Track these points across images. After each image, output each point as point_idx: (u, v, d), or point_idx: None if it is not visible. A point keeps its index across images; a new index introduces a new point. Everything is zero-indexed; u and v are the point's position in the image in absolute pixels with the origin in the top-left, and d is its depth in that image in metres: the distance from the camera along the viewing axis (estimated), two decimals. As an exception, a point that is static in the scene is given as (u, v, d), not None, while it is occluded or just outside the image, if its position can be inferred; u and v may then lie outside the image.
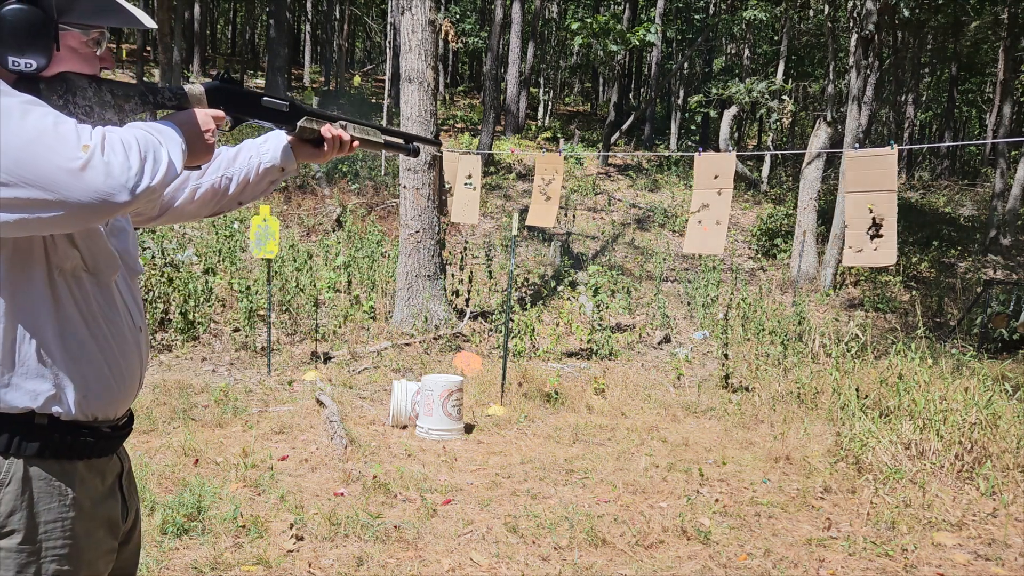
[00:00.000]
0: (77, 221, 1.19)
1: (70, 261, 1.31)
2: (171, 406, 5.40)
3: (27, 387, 1.28)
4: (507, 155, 17.07)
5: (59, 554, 1.31)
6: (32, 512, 1.28)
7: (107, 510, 1.41)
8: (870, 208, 5.27)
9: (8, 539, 1.27)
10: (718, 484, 4.50)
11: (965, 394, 4.93)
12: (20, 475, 1.27)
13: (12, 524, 1.27)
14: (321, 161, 1.71)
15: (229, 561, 3.26)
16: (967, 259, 14.47)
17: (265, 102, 1.58)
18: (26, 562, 1.28)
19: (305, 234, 11.68)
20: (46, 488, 1.30)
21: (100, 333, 1.36)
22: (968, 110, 31.74)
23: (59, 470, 1.31)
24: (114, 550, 1.44)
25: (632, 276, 11.44)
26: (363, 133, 1.73)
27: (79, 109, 1.29)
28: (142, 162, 1.21)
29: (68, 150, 1.14)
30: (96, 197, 1.15)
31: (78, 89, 1.30)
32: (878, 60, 13.61)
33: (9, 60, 1.24)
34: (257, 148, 1.67)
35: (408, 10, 7.96)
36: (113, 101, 1.34)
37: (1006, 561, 3.61)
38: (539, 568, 3.39)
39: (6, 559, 1.27)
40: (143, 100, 1.39)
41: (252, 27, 35.75)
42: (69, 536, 1.32)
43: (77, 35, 1.33)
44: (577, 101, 34.44)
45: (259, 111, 1.58)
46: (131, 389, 1.45)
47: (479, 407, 5.87)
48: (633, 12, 21.75)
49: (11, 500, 1.27)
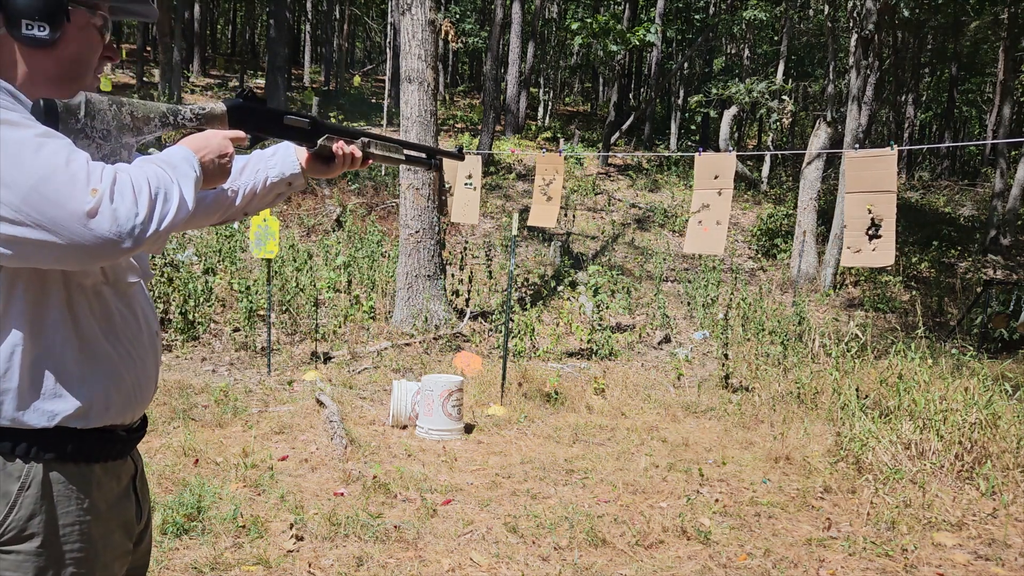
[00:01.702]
0: (78, 263, 1.18)
1: (90, 277, 1.31)
2: (171, 406, 5.40)
3: (46, 408, 1.27)
4: (507, 155, 17.07)
5: (76, 557, 1.31)
6: (51, 516, 1.28)
7: (123, 512, 1.41)
8: (869, 208, 5.28)
9: (28, 543, 1.26)
10: (718, 484, 4.50)
11: (965, 394, 4.93)
12: (40, 479, 1.27)
13: (32, 528, 1.26)
14: (331, 176, 1.70)
15: (229, 561, 3.26)
16: (967, 259, 14.47)
17: (288, 120, 1.55)
18: (45, 565, 1.28)
19: (305, 234, 11.68)
20: (64, 492, 1.29)
21: (120, 344, 1.36)
22: (968, 110, 31.74)
23: (77, 474, 1.31)
24: (130, 551, 1.44)
25: (632, 276, 11.44)
26: (384, 150, 1.71)
27: (97, 133, 1.27)
28: (151, 207, 1.19)
29: (77, 192, 1.11)
30: (100, 243, 1.13)
31: (97, 112, 1.28)
32: (878, 60, 13.61)
33: (23, 24, 1.25)
34: (265, 162, 1.65)
35: (408, 10, 7.96)
36: (132, 124, 1.32)
37: (1006, 561, 3.61)
38: (539, 568, 3.39)
39: (25, 562, 1.26)
40: (163, 122, 1.37)
41: (252, 27, 35.76)
42: (86, 539, 1.32)
43: (84, 13, 1.32)
44: (577, 101, 34.44)
45: (281, 129, 1.56)
46: (148, 394, 1.45)
47: (479, 407, 5.87)
48: (633, 12, 21.75)
49: (31, 504, 1.26)
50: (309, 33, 31.53)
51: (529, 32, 21.34)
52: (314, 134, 1.59)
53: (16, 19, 1.25)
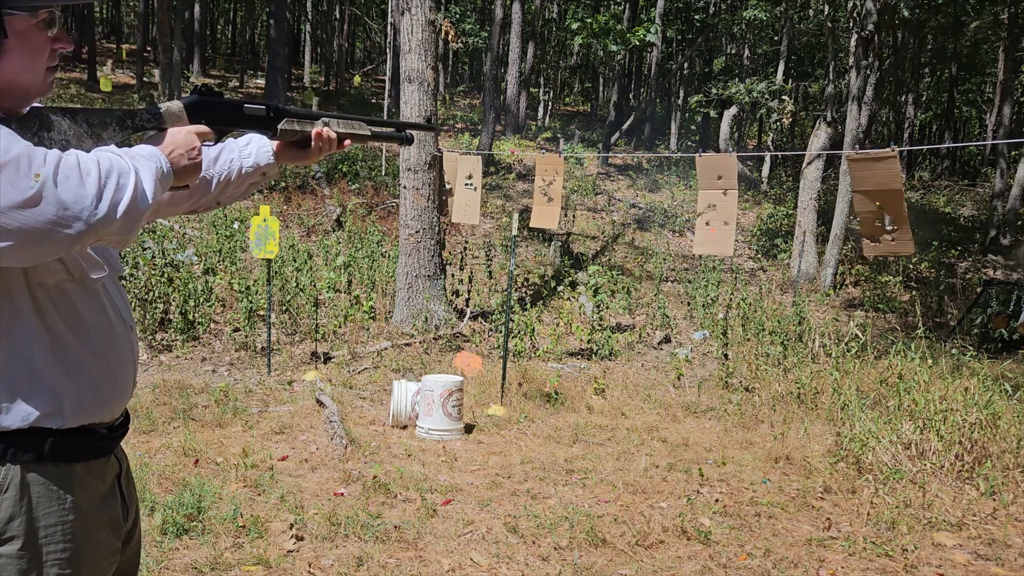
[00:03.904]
0: (32, 255, 1.14)
1: (52, 275, 1.27)
2: (171, 406, 5.40)
3: (18, 410, 1.26)
4: (507, 155, 17.07)
5: (60, 558, 1.30)
6: (31, 517, 1.27)
7: (108, 511, 1.40)
8: (878, 205, 5.28)
9: (8, 545, 1.26)
10: (718, 484, 4.50)
11: (965, 394, 4.93)
12: (18, 481, 1.26)
13: (12, 530, 1.25)
14: (309, 162, 1.68)
15: (229, 561, 3.26)
16: (967, 259, 14.47)
17: (246, 110, 1.55)
18: (27, 567, 1.27)
19: (305, 234, 11.68)
20: (44, 492, 1.28)
21: (91, 342, 1.34)
22: (968, 110, 31.73)
23: (57, 474, 1.30)
24: (118, 551, 1.43)
25: (632, 276, 11.43)
26: (348, 127, 1.69)
27: (55, 144, 1.23)
28: (100, 188, 1.14)
29: (19, 180, 1.07)
30: (48, 229, 1.09)
31: (53, 124, 1.25)
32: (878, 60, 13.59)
33: None
34: (239, 151, 1.63)
35: (408, 10, 7.96)
36: (90, 131, 1.29)
37: (1006, 561, 3.61)
38: (539, 568, 3.39)
39: (7, 565, 1.26)
40: (121, 126, 1.34)
41: (252, 27, 35.76)
42: (70, 539, 1.31)
43: (24, 18, 1.21)
44: (577, 101, 34.45)
45: (242, 119, 1.55)
46: (126, 390, 1.43)
47: (479, 407, 5.87)
48: (633, 12, 21.75)
49: (10, 506, 1.25)
50: (309, 33, 31.54)
51: (529, 32, 21.35)
52: (274, 121, 1.58)
53: None
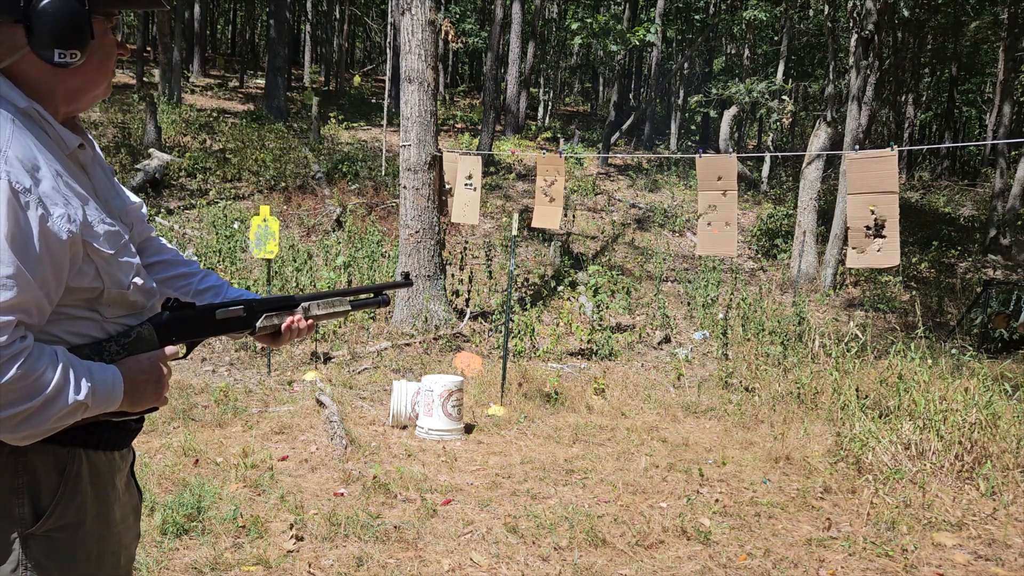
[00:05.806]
0: None
1: (119, 318, 1.40)
2: (171, 406, 5.39)
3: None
4: (507, 155, 17.06)
5: (105, 536, 1.39)
6: (86, 500, 1.35)
7: (131, 497, 1.51)
8: (872, 209, 5.27)
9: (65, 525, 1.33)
10: (718, 484, 4.50)
11: (965, 394, 4.93)
12: (85, 465, 1.35)
13: (69, 512, 1.33)
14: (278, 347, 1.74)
15: (229, 561, 3.26)
16: (967, 259, 14.47)
17: (220, 315, 1.52)
18: (79, 545, 1.35)
19: (305, 234, 11.68)
20: (99, 478, 1.38)
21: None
22: (968, 110, 31.73)
23: (105, 460, 1.40)
24: (139, 535, 1.55)
25: (632, 276, 11.43)
26: (328, 308, 1.70)
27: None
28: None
29: None
30: None
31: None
32: (878, 60, 13.60)
33: (56, 54, 1.25)
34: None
35: (408, 10, 7.96)
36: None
37: (1006, 561, 3.61)
38: (539, 568, 3.39)
39: (65, 543, 1.32)
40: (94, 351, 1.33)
41: (252, 27, 35.75)
42: (112, 522, 1.40)
43: (101, 22, 1.33)
44: (577, 101, 34.45)
45: (216, 326, 1.52)
46: None
47: (479, 407, 5.87)
48: (633, 12, 21.75)
49: (75, 488, 1.33)
50: (309, 33, 31.53)
51: (529, 32, 21.34)
52: (251, 319, 1.57)
53: (49, 51, 1.25)
